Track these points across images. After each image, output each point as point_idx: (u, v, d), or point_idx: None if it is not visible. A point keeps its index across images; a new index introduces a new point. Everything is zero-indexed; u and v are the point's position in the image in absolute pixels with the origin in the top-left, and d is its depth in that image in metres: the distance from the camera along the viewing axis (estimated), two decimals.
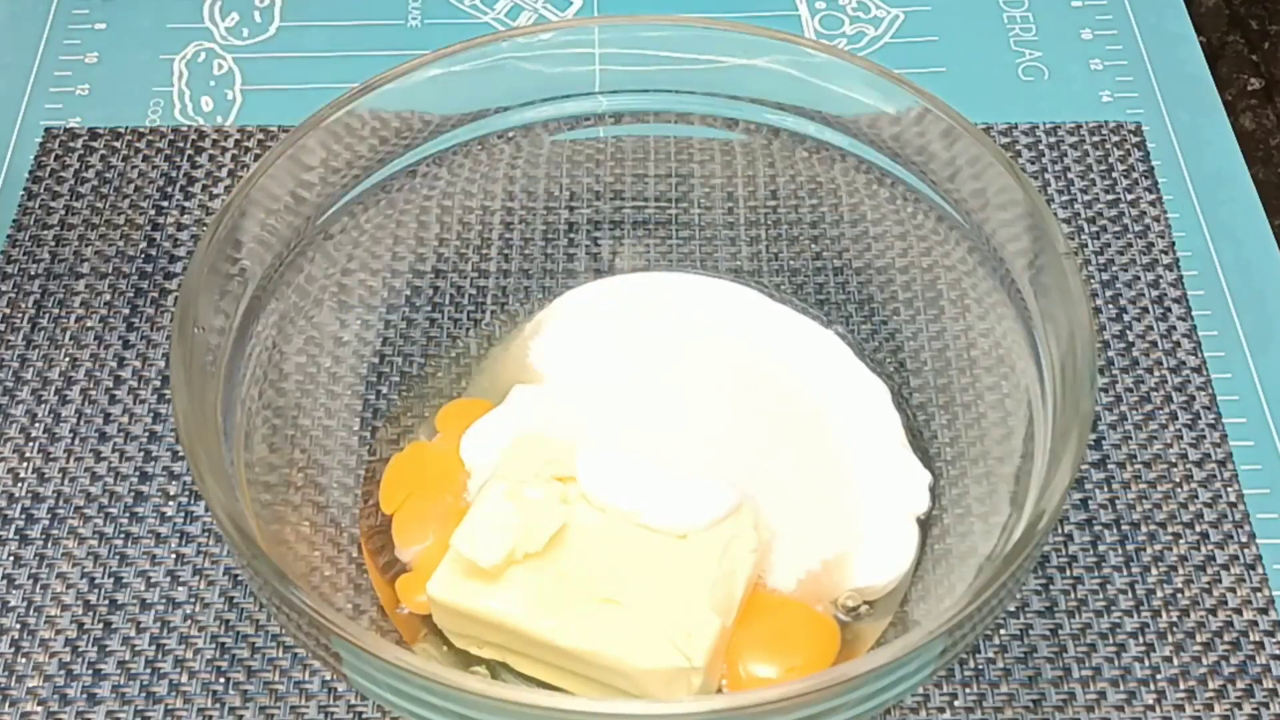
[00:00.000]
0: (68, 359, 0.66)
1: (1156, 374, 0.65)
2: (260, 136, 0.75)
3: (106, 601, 0.59)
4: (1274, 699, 0.56)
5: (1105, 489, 0.62)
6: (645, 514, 0.54)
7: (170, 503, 0.62)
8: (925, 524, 0.58)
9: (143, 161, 0.74)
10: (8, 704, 0.56)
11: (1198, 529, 0.61)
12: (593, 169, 0.67)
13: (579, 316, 0.64)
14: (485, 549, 0.52)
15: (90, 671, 0.57)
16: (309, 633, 0.46)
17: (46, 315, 0.68)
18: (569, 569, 0.53)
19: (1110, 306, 0.68)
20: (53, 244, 0.71)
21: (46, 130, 0.75)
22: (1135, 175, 0.73)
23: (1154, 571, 0.60)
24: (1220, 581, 0.59)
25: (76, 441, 0.64)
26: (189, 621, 0.58)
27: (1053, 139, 0.75)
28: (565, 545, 0.53)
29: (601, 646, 0.51)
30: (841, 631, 0.55)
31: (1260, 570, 0.59)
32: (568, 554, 0.53)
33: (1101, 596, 0.59)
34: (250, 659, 0.57)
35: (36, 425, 0.64)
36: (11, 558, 0.60)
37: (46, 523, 0.61)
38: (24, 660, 0.57)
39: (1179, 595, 0.59)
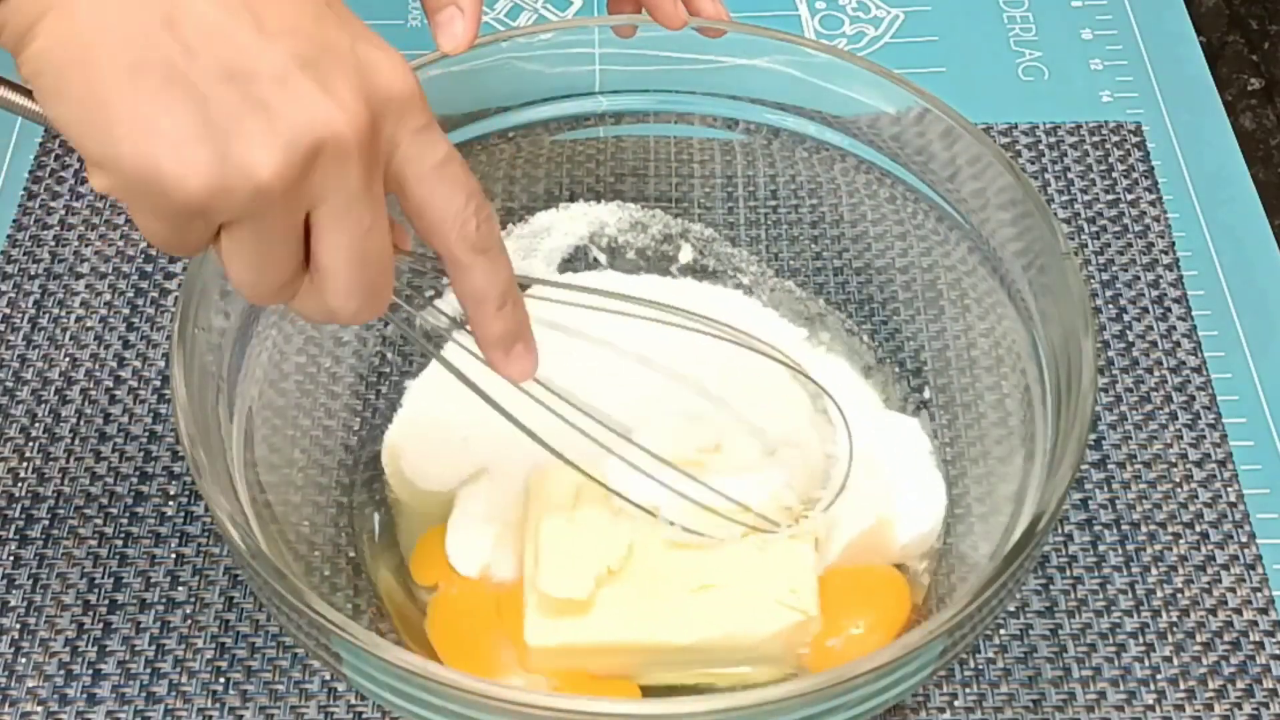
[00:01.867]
0: (68, 359, 0.66)
1: (1156, 374, 0.65)
2: None
3: (106, 601, 0.59)
4: (1274, 699, 0.56)
5: (1105, 489, 0.62)
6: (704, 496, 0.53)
7: (170, 503, 0.62)
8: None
9: None
10: (8, 704, 0.56)
11: (1198, 529, 0.61)
12: (593, 169, 0.67)
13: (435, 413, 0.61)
14: (573, 582, 0.52)
15: (90, 671, 0.57)
16: (309, 633, 0.46)
17: (46, 315, 0.68)
18: (652, 572, 0.53)
19: (1110, 306, 0.68)
20: (53, 244, 0.71)
21: (47, 130, 0.75)
22: (1135, 175, 0.73)
23: (1154, 571, 0.60)
24: (1220, 581, 0.59)
25: (76, 441, 0.64)
26: (189, 621, 0.58)
27: (1053, 139, 0.75)
28: (637, 553, 0.53)
29: (719, 631, 0.52)
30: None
31: (1260, 570, 0.59)
32: (642, 559, 0.53)
33: (1101, 596, 0.59)
34: (250, 659, 0.57)
35: (36, 425, 0.64)
36: (11, 558, 0.60)
37: (46, 523, 0.61)
38: (24, 660, 0.57)
39: (1179, 595, 0.59)
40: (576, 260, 0.66)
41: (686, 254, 0.67)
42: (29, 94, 0.40)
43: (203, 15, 0.38)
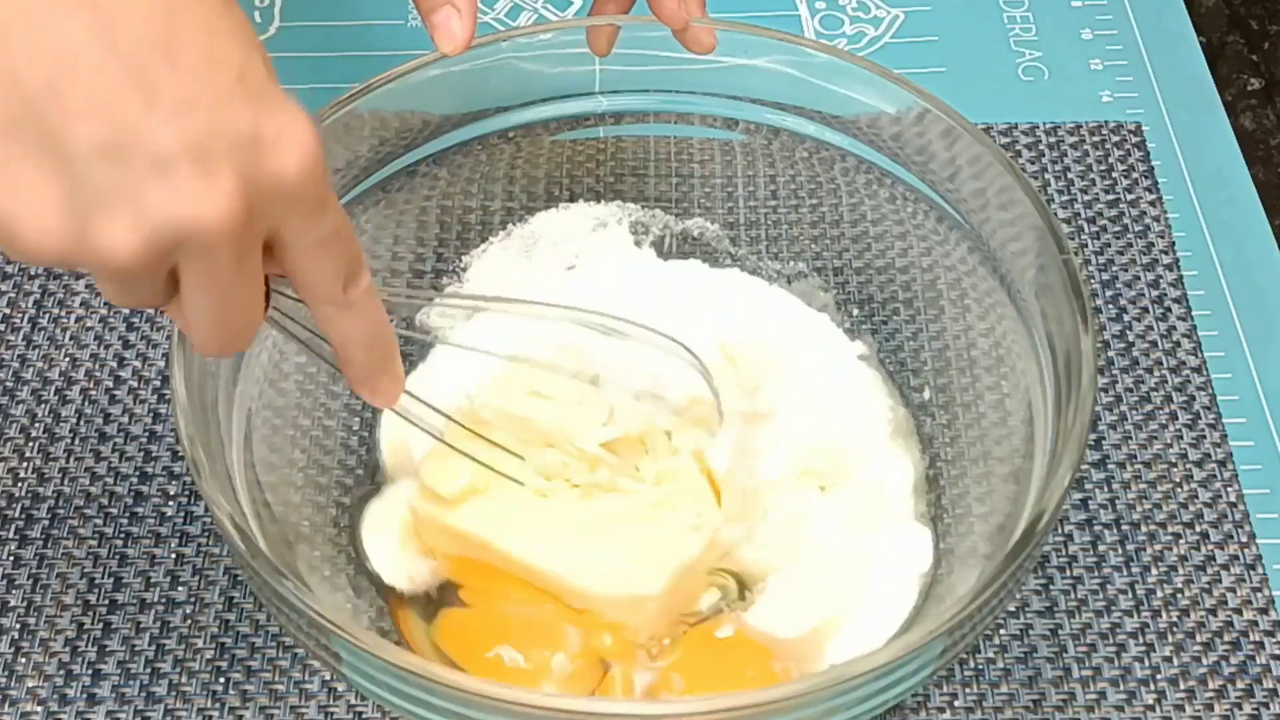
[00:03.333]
0: (68, 359, 0.66)
1: (1156, 374, 0.65)
2: None
3: (106, 601, 0.59)
4: (1274, 699, 0.56)
5: (1105, 489, 0.62)
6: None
7: (170, 503, 0.62)
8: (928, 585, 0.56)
9: None
10: (8, 704, 0.56)
11: (1198, 529, 0.61)
12: (593, 169, 0.67)
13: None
14: (447, 480, 0.54)
15: (90, 671, 0.57)
16: (309, 633, 0.46)
17: (46, 315, 0.68)
18: (554, 497, 0.54)
19: (1110, 306, 0.68)
20: None
21: None
22: (1135, 175, 0.73)
23: (1154, 571, 0.60)
24: (1220, 581, 0.59)
25: (76, 441, 0.64)
26: (189, 621, 0.58)
27: (1053, 139, 0.75)
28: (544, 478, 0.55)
29: (566, 570, 0.53)
30: None
31: (1260, 570, 0.59)
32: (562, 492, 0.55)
33: (1101, 596, 0.59)
34: (250, 659, 0.57)
35: (36, 425, 0.64)
36: (11, 558, 0.60)
37: (46, 523, 0.61)
38: (24, 660, 0.57)
39: (1179, 595, 0.59)
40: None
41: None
42: None
43: (91, 85, 0.36)
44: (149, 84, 0.36)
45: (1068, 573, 0.60)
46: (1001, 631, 0.58)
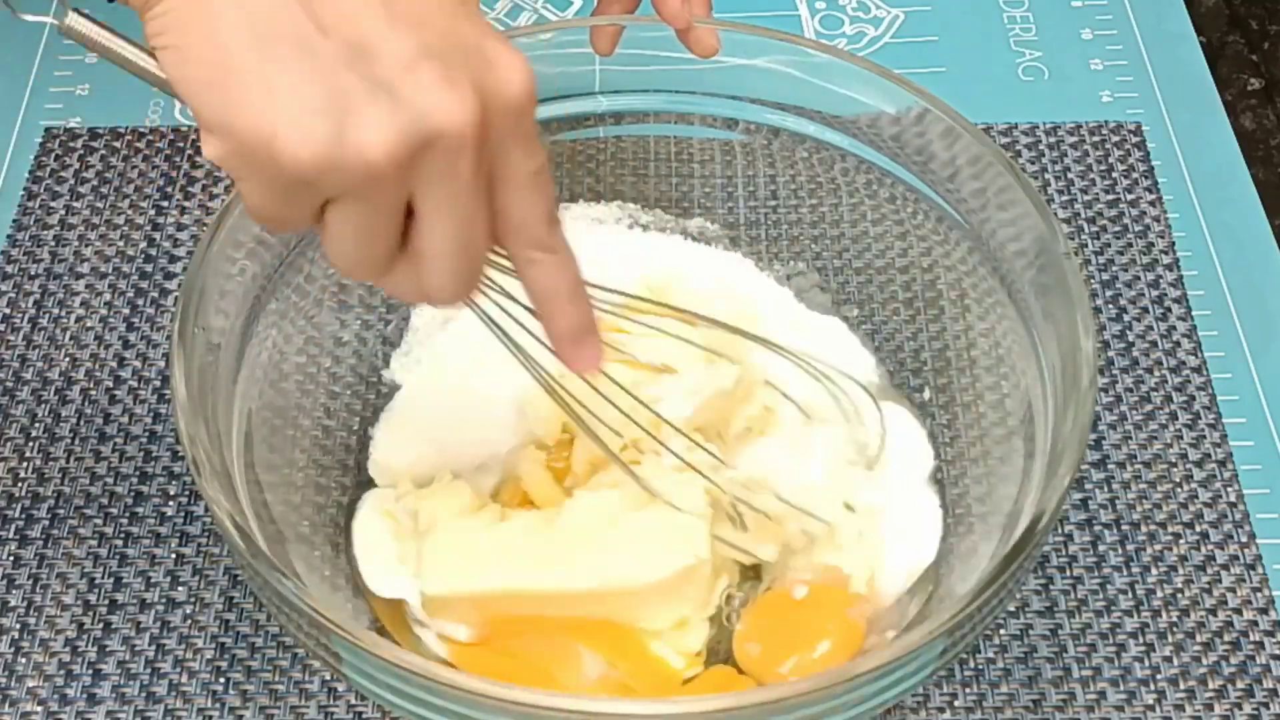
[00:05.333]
0: (68, 359, 0.66)
1: (1156, 374, 0.65)
2: None
3: (106, 601, 0.59)
4: (1274, 699, 0.56)
5: (1105, 489, 0.62)
6: None
7: (170, 503, 0.62)
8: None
9: (143, 161, 0.74)
10: (8, 704, 0.56)
11: (1198, 529, 0.61)
12: (593, 169, 0.67)
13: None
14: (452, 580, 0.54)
15: (90, 671, 0.57)
16: (309, 633, 0.46)
17: (46, 315, 0.68)
18: (557, 527, 0.54)
19: (1110, 306, 0.68)
20: (53, 244, 0.71)
21: (46, 130, 0.75)
22: (1135, 175, 0.73)
23: (1154, 571, 0.60)
24: (1220, 581, 0.59)
25: (76, 441, 0.64)
26: (189, 621, 0.58)
27: (1053, 139, 0.75)
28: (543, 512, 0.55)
29: (611, 578, 0.52)
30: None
31: (1260, 570, 0.59)
32: (553, 517, 0.54)
33: (1101, 596, 0.59)
34: (250, 659, 0.57)
35: (36, 425, 0.64)
36: (11, 558, 0.60)
37: (46, 523, 0.61)
38: (24, 660, 0.57)
39: (1179, 595, 0.59)
40: None
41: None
42: (152, 55, 0.41)
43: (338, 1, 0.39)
44: (384, 1, 0.40)
45: (1068, 573, 0.60)
46: (1001, 631, 0.58)
